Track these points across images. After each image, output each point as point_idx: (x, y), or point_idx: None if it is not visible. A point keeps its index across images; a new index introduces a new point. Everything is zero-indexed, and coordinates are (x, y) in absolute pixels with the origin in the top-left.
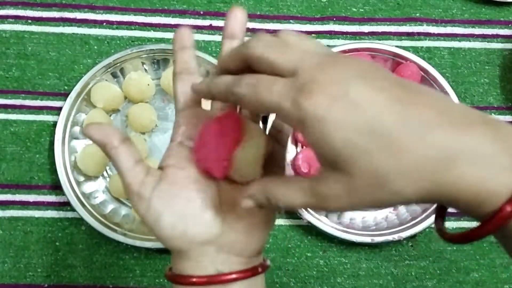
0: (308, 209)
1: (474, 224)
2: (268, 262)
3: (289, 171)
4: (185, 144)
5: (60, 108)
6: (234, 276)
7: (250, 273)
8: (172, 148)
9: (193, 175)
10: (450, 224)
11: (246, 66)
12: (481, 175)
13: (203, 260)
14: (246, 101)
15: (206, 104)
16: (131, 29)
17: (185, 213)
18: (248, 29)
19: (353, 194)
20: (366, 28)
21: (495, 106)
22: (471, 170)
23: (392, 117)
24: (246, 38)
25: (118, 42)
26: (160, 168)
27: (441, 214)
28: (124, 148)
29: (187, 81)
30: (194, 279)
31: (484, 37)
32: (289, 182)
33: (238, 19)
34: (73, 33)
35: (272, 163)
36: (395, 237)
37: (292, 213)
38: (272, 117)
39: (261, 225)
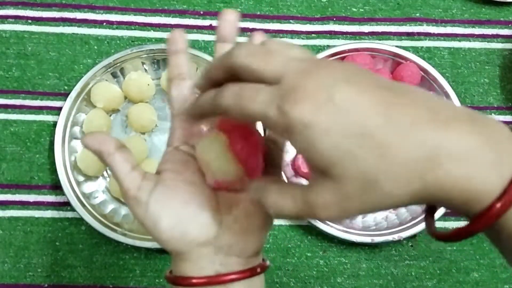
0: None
1: None
2: (268, 263)
3: (289, 171)
4: (180, 149)
5: (60, 108)
6: (233, 276)
7: (248, 273)
8: (168, 153)
9: (189, 178)
10: (450, 224)
11: (231, 76)
12: (468, 172)
13: (202, 261)
14: (232, 112)
15: None
16: (131, 29)
17: (183, 215)
18: (248, 29)
19: (344, 200)
20: (366, 28)
21: (495, 106)
22: (457, 168)
23: (377, 118)
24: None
25: (118, 42)
26: (157, 172)
27: (431, 213)
28: (120, 155)
29: (181, 86)
30: (194, 280)
31: (484, 37)
32: (282, 188)
33: (229, 22)
34: (73, 33)
35: (269, 163)
36: (395, 237)
37: None
38: None
39: (259, 226)
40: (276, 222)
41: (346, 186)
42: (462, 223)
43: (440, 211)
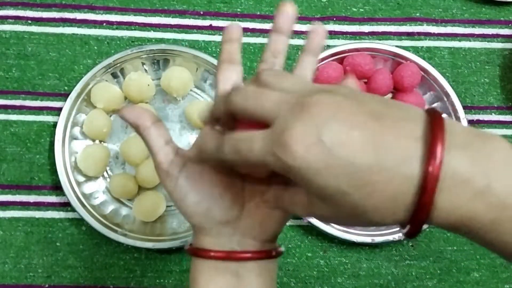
0: None
1: None
2: (282, 248)
3: None
4: (216, 129)
5: (60, 109)
6: (248, 255)
7: (264, 254)
8: (204, 132)
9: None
10: None
11: (232, 115)
12: (456, 201)
13: (221, 238)
14: (236, 164)
15: None
16: (131, 30)
17: (208, 195)
18: (247, 30)
19: (338, 218)
20: (366, 28)
21: (495, 106)
22: (443, 198)
23: (364, 158)
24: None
25: (118, 42)
26: (191, 149)
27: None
28: (155, 129)
29: (228, 70)
30: (212, 253)
31: (484, 36)
32: (294, 194)
33: (287, 14)
34: (73, 34)
35: None
36: (396, 237)
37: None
38: None
39: (278, 216)
40: None
41: (338, 211)
42: None
43: None
